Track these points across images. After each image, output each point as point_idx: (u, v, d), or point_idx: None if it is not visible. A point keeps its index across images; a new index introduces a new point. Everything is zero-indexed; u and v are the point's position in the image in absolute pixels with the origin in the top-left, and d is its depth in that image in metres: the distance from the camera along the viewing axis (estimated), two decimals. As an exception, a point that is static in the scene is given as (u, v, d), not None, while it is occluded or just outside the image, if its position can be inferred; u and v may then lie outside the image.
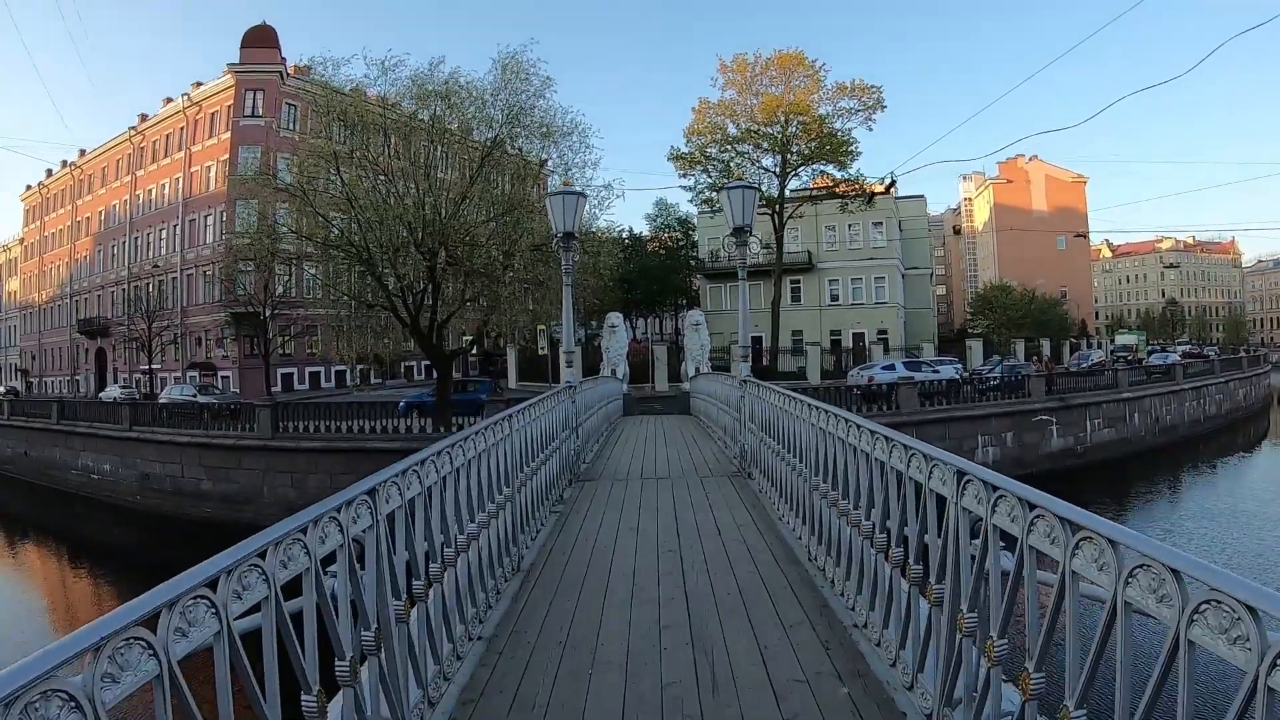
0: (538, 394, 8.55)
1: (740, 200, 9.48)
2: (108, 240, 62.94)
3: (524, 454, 6.36)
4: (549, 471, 7.78)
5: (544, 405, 7.54)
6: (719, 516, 7.60)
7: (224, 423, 24.58)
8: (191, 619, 1.85)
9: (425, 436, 20.42)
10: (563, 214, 9.68)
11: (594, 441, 13.35)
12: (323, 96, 20.28)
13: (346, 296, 21.96)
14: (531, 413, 6.80)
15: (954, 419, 24.28)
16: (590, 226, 23.75)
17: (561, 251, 10.14)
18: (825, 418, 5.27)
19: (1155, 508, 23.68)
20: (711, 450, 13.06)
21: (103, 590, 19.60)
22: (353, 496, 2.78)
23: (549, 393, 8.45)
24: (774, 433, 7.56)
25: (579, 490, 9.20)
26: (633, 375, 28.38)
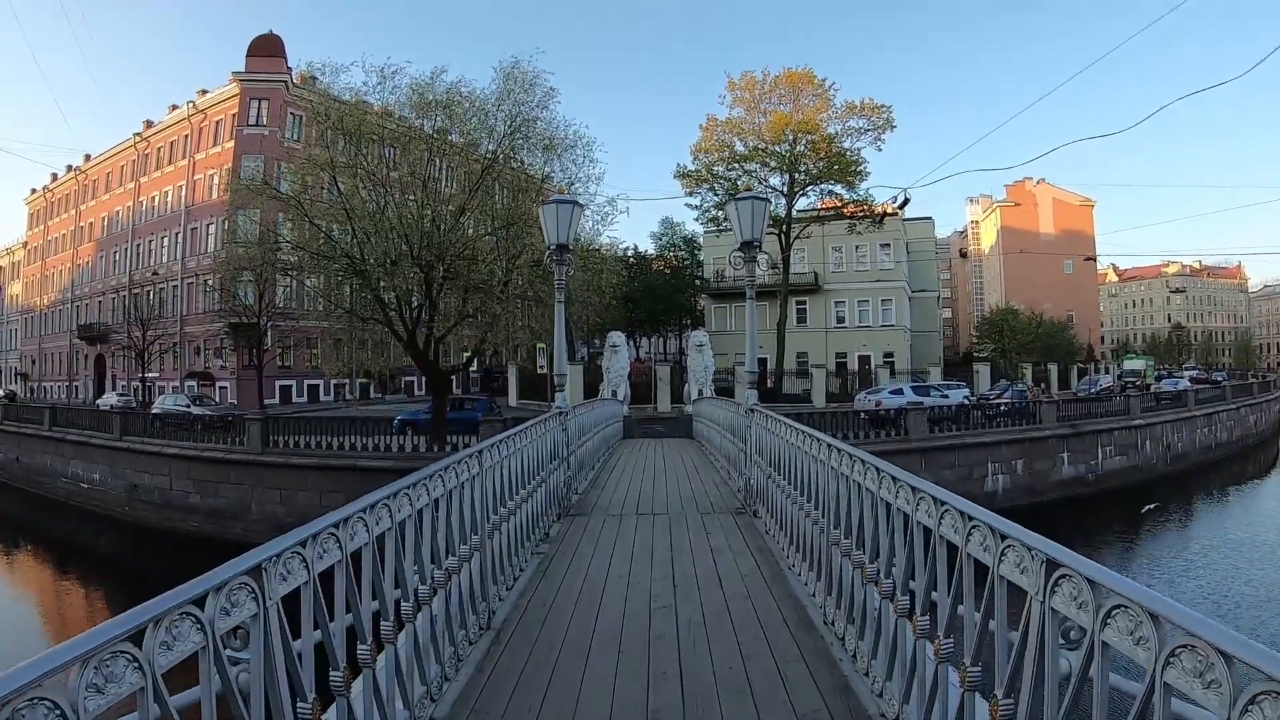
0: (538, 413, 8.16)
1: (750, 213, 8.74)
2: (110, 246, 62.83)
3: (501, 493, 5.66)
4: (534, 506, 7.08)
5: (528, 435, 6.81)
6: (720, 563, 6.85)
7: (214, 435, 23.99)
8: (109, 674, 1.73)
9: (418, 456, 19.78)
10: (557, 224, 8.91)
11: (589, 469, 12.65)
12: (320, 104, 19.80)
13: (342, 309, 21.39)
14: (511, 444, 6.05)
15: (964, 446, 23.59)
16: (593, 243, 23.21)
17: (555, 265, 9.22)
18: (848, 462, 4.59)
19: (1170, 537, 22.97)
20: (714, 481, 12.33)
21: (68, 606, 19.05)
22: (280, 550, 2.49)
23: (535, 420, 7.60)
24: (783, 469, 6.82)
25: (568, 526, 8.45)
26: (634, 396, 27.84)
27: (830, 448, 5.06)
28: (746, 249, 8.89)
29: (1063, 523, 21.67)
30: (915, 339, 57.95)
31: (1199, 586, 17.90)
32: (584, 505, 9.82)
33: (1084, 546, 16.81)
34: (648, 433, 22.56)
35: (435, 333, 20.95)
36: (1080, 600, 2.14)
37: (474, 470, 4.87)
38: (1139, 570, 19.05)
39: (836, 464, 4.86)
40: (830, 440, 5.18)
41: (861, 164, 40.82)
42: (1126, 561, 19.90)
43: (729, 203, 9.08)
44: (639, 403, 31.97)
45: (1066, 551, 2.26)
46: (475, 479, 4.86)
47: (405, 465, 19.33)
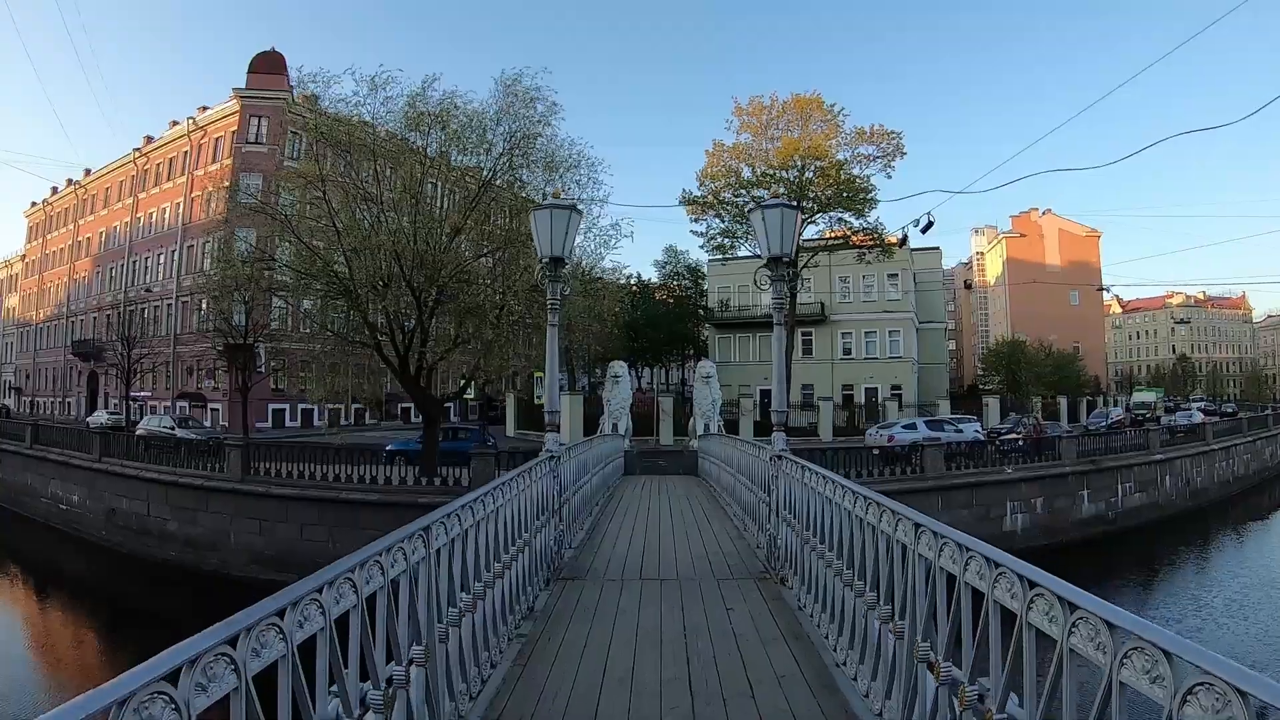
0: (535, 444, 7.06)
1: (778, 224, 7.35)
2: (106, 262, 62.53)
3: (465, 574, 4.36)
4: (514, 577, 5.72)
5: (507, 490, 5.50)
6: (749, 656, 5.36)
7: (195, 460, 22.88)
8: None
9: (405, 488, 18.70)
10: (551, 233, 7.55)
11: (585, 515, 11.32)
12: (310, 116, 18.87)
13: (329, 331, 20.31)
14: (482, 507, 4.69)
15: (982, 484, 22.46)
16: (594, 268, 22.12)
17: (548, 282, 7.87)
18: (926, 538, 3.48)
19: (1211, 577, 22.06)
20: (727, 533, 10.83)
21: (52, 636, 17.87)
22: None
23: (518, 471, 6.16)
24: (823, 532, 5.59)
25: (558, 595, 6.99)
26: (636, 428, 26.71)
27: (895, 516, 3.92)
28: (774, 265, 7.57)
29: (1089, 569, 20.66)
30: (922, 371, 56.84)
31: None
32: (578, 566, 8.38)
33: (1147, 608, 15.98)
34: (650, 468, 21.39)
35: (428, 359, 19.85)
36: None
37: (416, 556, 3.54)
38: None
39: (902, 535, 3.78)
40: (889, 503, 4.07)
41: (871, 190, 39.95)
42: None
43: (754, 211, 7.70)
44: (640, 435, 30.85)
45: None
46: (422, 563, 3.62)
47: (391, 499, 18.31)
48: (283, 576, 16.41)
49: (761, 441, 12.39)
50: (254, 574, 19.42)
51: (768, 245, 7.47)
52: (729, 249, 43.87)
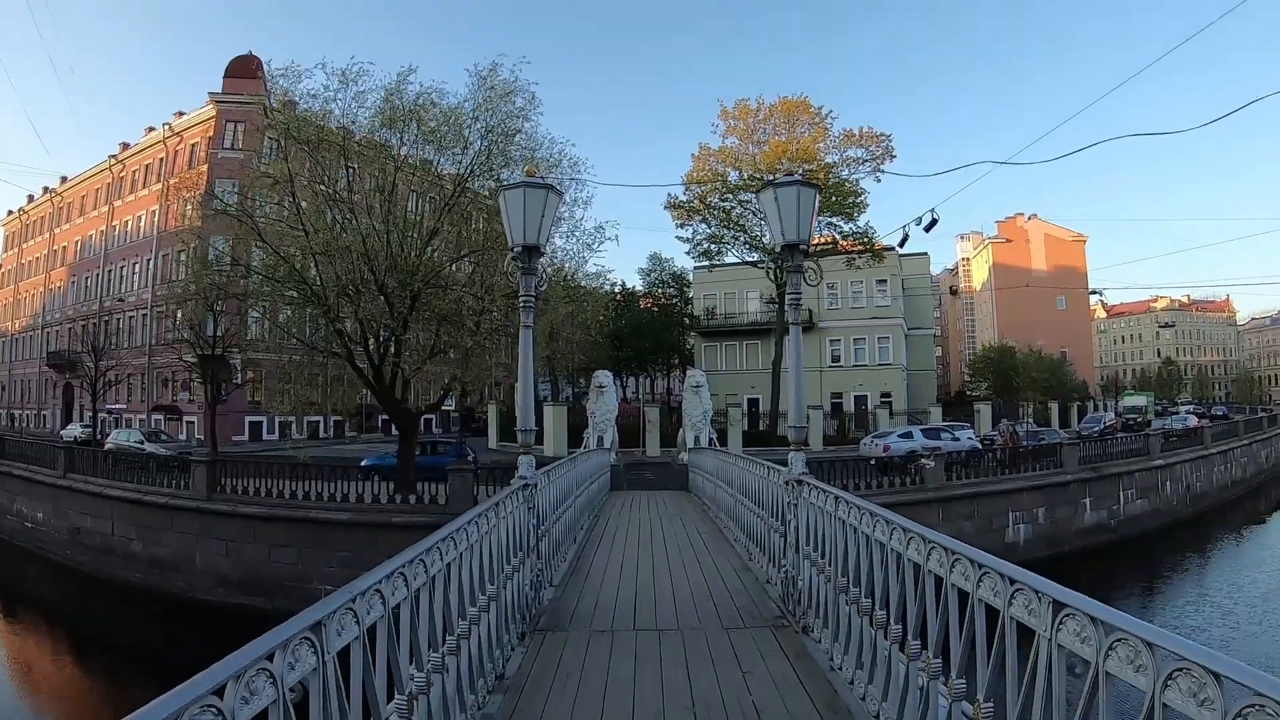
0: (516, 457, 6.15)
1: (794, 205, 6.14)
2: (82, 272, 61.42)
3: (418, 647, 3.32)
4: (479, 640, 4.52)
5: (472, 531, 4.34)
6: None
7: (160, 477, 21.76)
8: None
9: (379, 507, 17.65)
10: (524, 217, 6.34)
11: (570, 543, 10.10)
12: (279, 112, 17.83)
13: (298, 340, 19.24)
14: (438, 558, 3.63)
15: (983, 494, 21.67)
16: (577, 271, 21.12)
17: (521, 276, 6.60)
18: (1029, 601, 2.65)
19: (1231, 584, 21.30)
20: (730, 563, 9.44)
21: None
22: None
23: (485, 506, 4.96)
24: (868, 584, 4.46)
25: (535, 653, 5.74)
26: (622, 439, 25.76)
27: (982, 570, 2.99)
28: (789, 253, 6.38)
29: (1105, 579, 19.90)
30: (911, 378, 56.20)
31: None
32: (560, 611, 7.09)
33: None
34: (637, 482, 20.46)
35: (403, 370, 18.82)
36: None
37: (337, 641, 2.49)
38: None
39: (998, 597, 2.85)
40: (984, 559, 3.04)
41: (861, 194, 39.34)
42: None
43: (764, 190, 6.46)
44: (626, 446, 29.94)
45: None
46: (355, 644, 2.63)
47: (362, 519, 17.32)
48: (250, 600, 15.41)
49: (760, 455, 11.36)
50: (220, 597, 18.47)
51: (781, 230, 6.27)
52: (716, 255, 43.16)
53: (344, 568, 16.34)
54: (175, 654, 14.63)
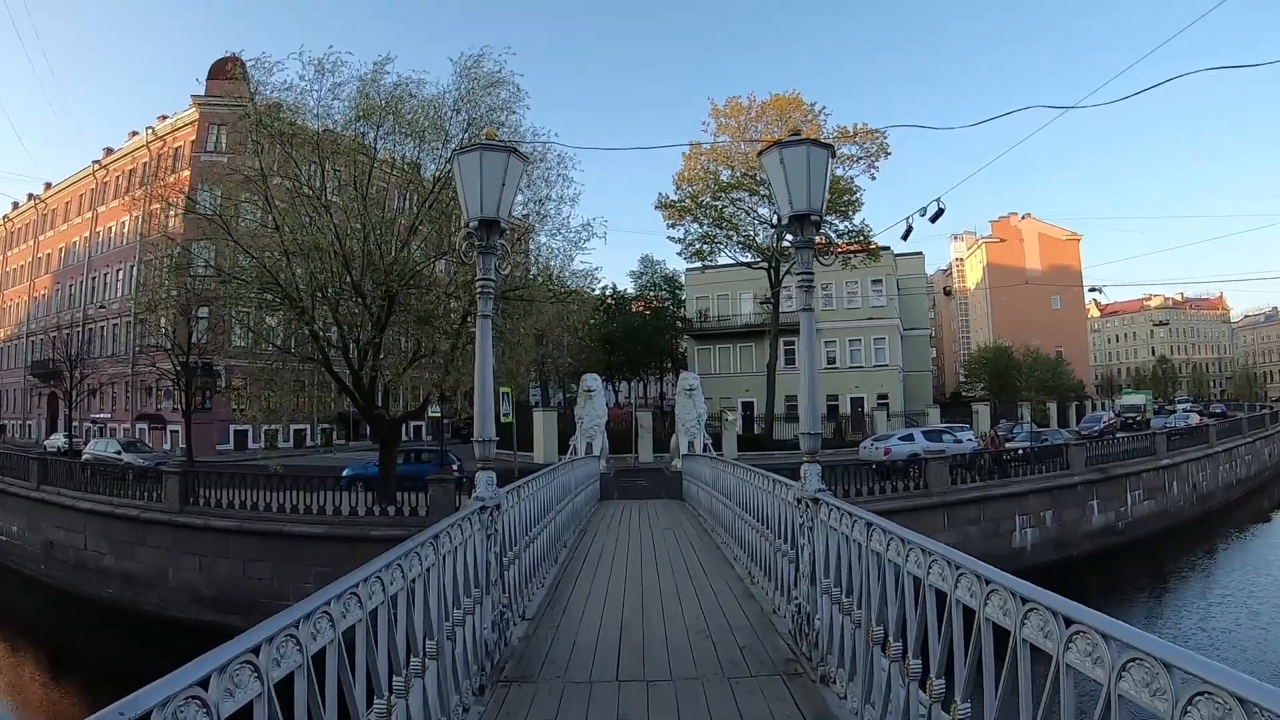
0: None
1: (803, 169, 5.17)
2: (66, 279, 60.54)
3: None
4: (413, 709, 3.49)
5: (397, 573, 3.35)
6: None
7: (133, 488, 20.89)
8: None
9: (356, 520, 16.77)
10: (480, 186, 5.24)
11: (547, 567, 8.98)
12: (248, 104, 17.00)
13: (272, 345, 18.36)
14: (344, 610, 2.80)
15: (990, 498, 20.83)
16: (564, 269, 20.24)
17: (477, 255, 5.47)
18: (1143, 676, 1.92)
19: (1265, 592, 20.16)
20: (731, 588, 8.26)
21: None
22: None
23: (428, 534, 3.88)
24: (911, 636, 3.51)
25: (494, 712, 4.74)
26: (613, 444, 24.96)
27: (1074, 630, 2.21)
28: (800, 226, 5.40)
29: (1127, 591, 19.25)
30: (907, 379, 55.39)
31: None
32: (531, 655, 5.92)
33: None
34: (629, 490, 19.60)
35: (382, 376, 17.95)
36: None
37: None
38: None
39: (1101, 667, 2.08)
40: (1077, 613, 2.23)
41: (856, 192, 38.64)
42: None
43: (768, 153, 5.46)
44: (618, 451, 29.12)
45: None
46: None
47: (338, 532, 16.45)
48: (224, 618, 14.41)
49: (756, 461, 10.48)
50: (194, 615, 17.59)
51: (789, 197, 5.29)
52: (708, 255, 42.44)
53: (320, 583, 15.29)
54: (134, 681, 13.77)
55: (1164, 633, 15.43)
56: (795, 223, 5.40)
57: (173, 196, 21.27)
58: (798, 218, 5.36)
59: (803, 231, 5.43)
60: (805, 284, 5.74)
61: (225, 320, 20.26)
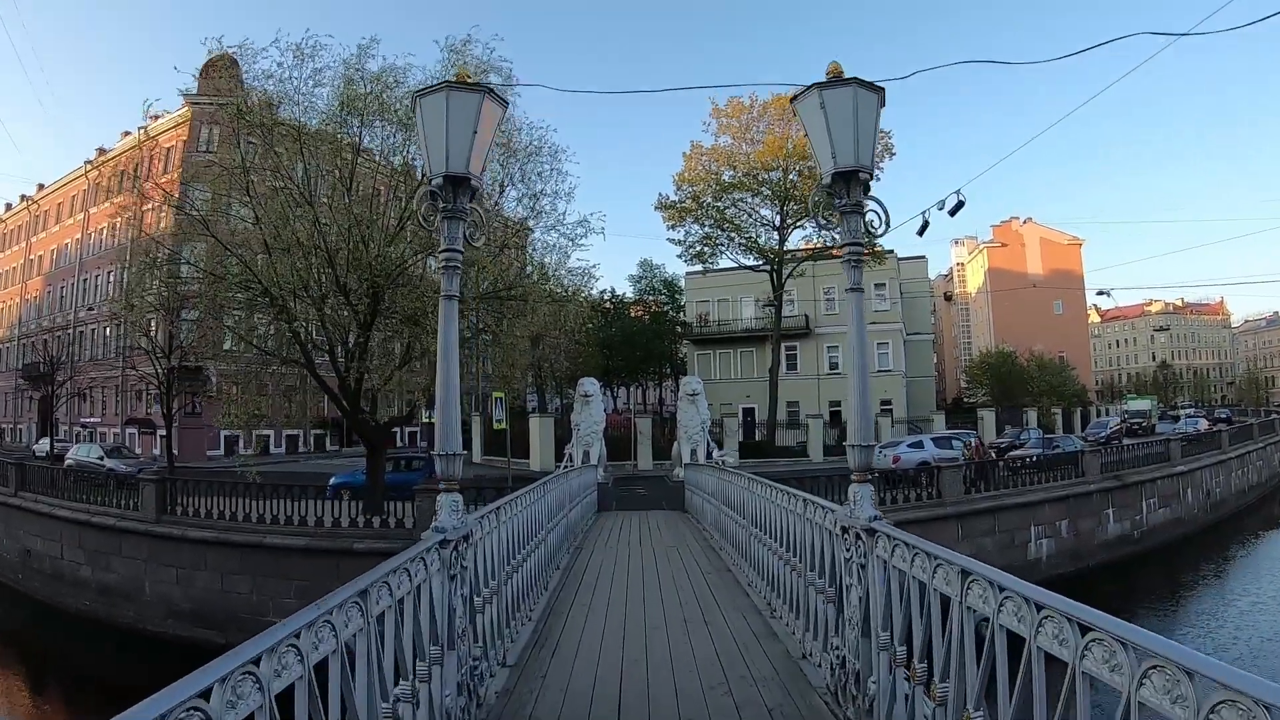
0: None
1: (849, 115, 4.20)
2: (58, 281, 59.83)
3: None
4: None
5: (323, 634, 2.47)
6: None
7: (110, 496, 20.01)
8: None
9: (339, 531, 15.88)
10: (445, 135, 4.23)
11: (536, 595, 7.85)
12: (227, 93, 16.22)
13: (255, 347, 17.48)
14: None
15: (1004, 508, 19.98)
16: (559, 268, 19.34)
17: (441, 220, 4.44)
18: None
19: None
20: (749, 624, 6.98)
21: None
22: None
23: (363, 580, 2.90)
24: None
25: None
26: (613, 452, 24.04)
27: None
28: (845, 186, 4.36)
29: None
30: (911, 385, 54.57)
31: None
32: (511, 716, 4.83)
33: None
34: (628, 500, 18.72)
35: (369, 381, 17.06)
36: None
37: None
38: None
39: None
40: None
41: (861, 192, 37.85)
42: None
43: (805, 97, 4.35)
44: (617, 459, 28.29)
45: None
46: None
47: (320, 545, 15.57)
48: (202, 634, 13.46)
49: (760, 470, 9.44)
50: (171, 629, 16.77)
51: (832, 151, 4.28)
52: (709, 257, 41.65)
53: (301, 599, 14.59)
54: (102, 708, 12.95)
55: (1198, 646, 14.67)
56: (840, 182, 4.38)
57: (150, 191, 20.36)
58: (843, 175, 4.34)
59: (849, 193, 4.38)
60: (854, 258, 4.55)
61: (206, 321, 19.43)
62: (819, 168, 4.39)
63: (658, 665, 5.84)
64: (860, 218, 4.41)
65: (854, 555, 4.42)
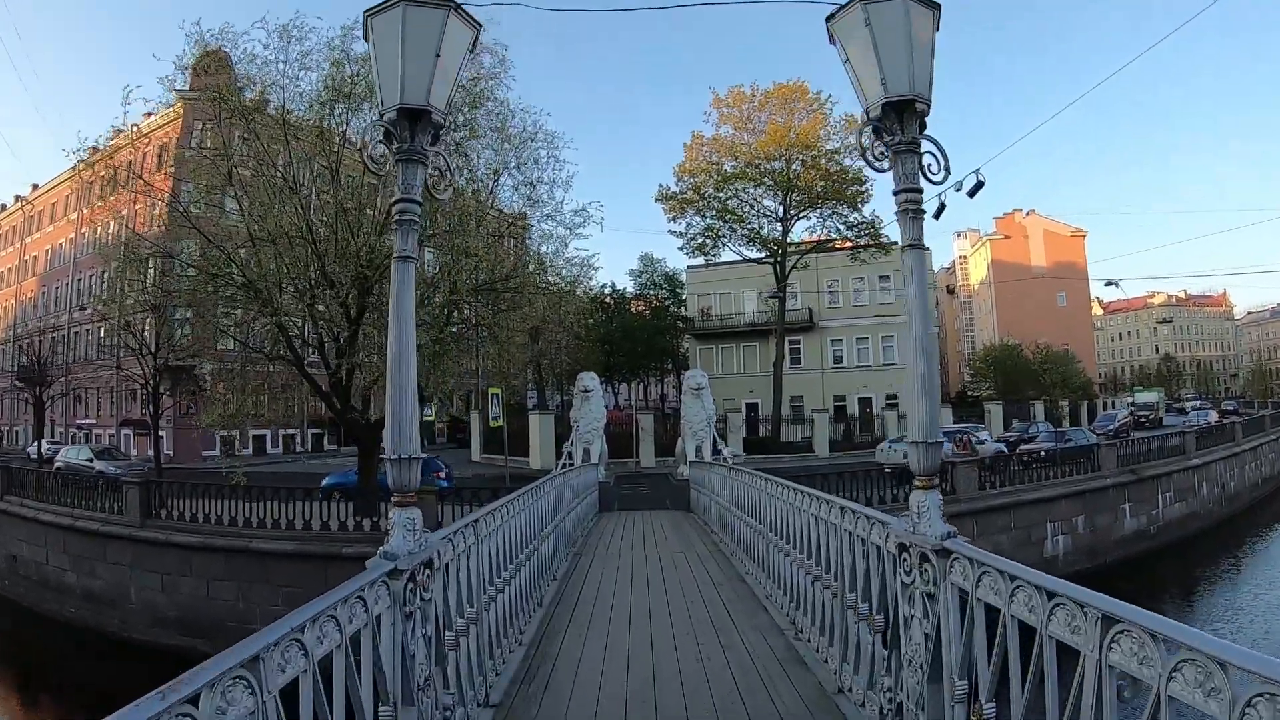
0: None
1: (903, 33, 3.39)
2: (52, 281, 59.44)
3: None
4: None
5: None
6: None
7: (95, 500, 19.37)
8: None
9: (329, 535, 15.19)
10: (401, 58, 3.51)
11: (527, 614, 6.98)
12: (209, 77, 15.58)
13: (237, 343, 16.83)
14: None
15: (1020, 504, 19.30)
16: (557, 257, 18.62)
17: (395, 164, 3.62)
18: None
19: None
20: (769, 647, 6.08)
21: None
22: None
23: (298, 618, 2.34)
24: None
25: None
26: (614, 449, 23.31)
27: None
28: (899, 120, 3.54)
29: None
30: (916, 378, 53.75)
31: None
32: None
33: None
34: (630, 499, 18.00)
35: (359, 378, 16.37)
36: None
37: None
38: None
39: None
40: None
41: (865, 182, 37.16)
42: None
43: (846, 11, 3.51)
44: (618, 456, 27.61)
45: None
46: None
47: (307, 550, 14.87)
48: (188, 642, 12.73)
49: (765, 466, 8.74)
50: (157, 638, 16.13)
51: (882, 76, 3.43)
52: (711, 250, 40.99)
53: (290, 605, 13.99)
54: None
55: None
56: (891, 115, 3.51)
57: (137, 189, 19.75)
58: (895, 106, 3.48)
59: (903, 129, 3.51)
60: (911, 208, 3.62)
61: (196, 319, 18.82)
62: (862, 100, 3.53)
63: (667, 697, 5.03)
64: (917, 158, 3.57)
65: (917, 581, 3.59)
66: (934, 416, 3.73)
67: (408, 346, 3.60)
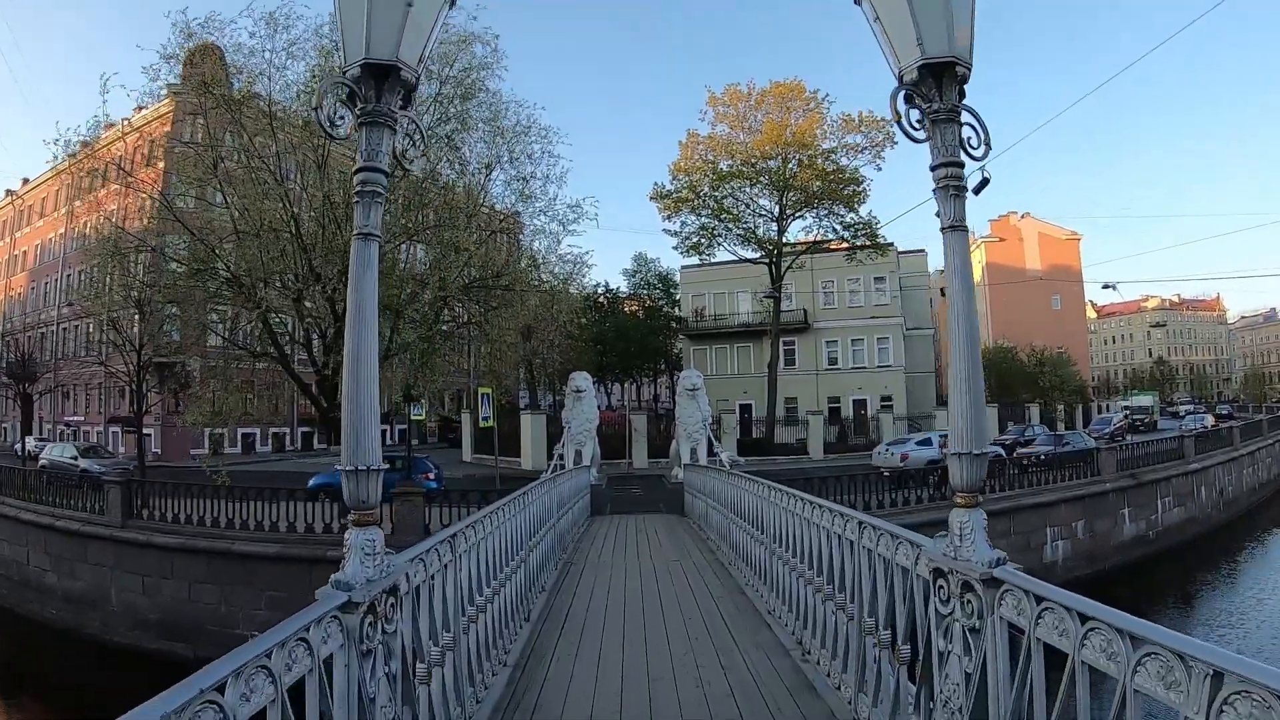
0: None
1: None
2: (41, 277, 58.90)
3: None
4: None
5: None
6: None
7: (76, 499, 18.96)
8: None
9: (313, 537, 14.80)
10: (367, 10, 2.98)
11: (513, 631, 6.53)
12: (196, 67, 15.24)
13: (222, 339, 16.48)
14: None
15: (1020, 509, 19.01)
16: (550, 254, 18.28)
17: (359, 129, 3.11)
18: None
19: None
20: (779, 677, 5.49)
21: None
22: None
23: (223, 668, 1.91)
24: None
25: None
26: (607, 451, 22.93)
27: None
28: (937, 84, 3.12)
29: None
30: (911, 380, 53.54)
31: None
32: None
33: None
34: (623, 502, 17.60)
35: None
36: None
37: None
38: None
39: None
40: None
41: (861, 182, 36.88)
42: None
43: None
44: (610, 458, 27.22)
45: None
46: None
47: (291, 552, 14.50)
48: (170, 645, 12.02)
49: (759, 469, 8.33)
50: (138, 641, 15.80)
51: (918, 35, 3.04)
52: (706, 249, 40.64)
53: (273, 609, 13.74)
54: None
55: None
56: (928, 80, 3.11)
57: (120, 174, 19.42)
58: (932, 70, 3.08)
59: (941, 95, 3.11)
60: (952, 184, 3.23)
61: (179, 314, 18.45)
62: (894, 66, 3.12)
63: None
64: (957, 128, 3.16)
65: (957, 613, 3.12)
66: (980, 424, 3.25)
67: (368, 338, 3.07)
